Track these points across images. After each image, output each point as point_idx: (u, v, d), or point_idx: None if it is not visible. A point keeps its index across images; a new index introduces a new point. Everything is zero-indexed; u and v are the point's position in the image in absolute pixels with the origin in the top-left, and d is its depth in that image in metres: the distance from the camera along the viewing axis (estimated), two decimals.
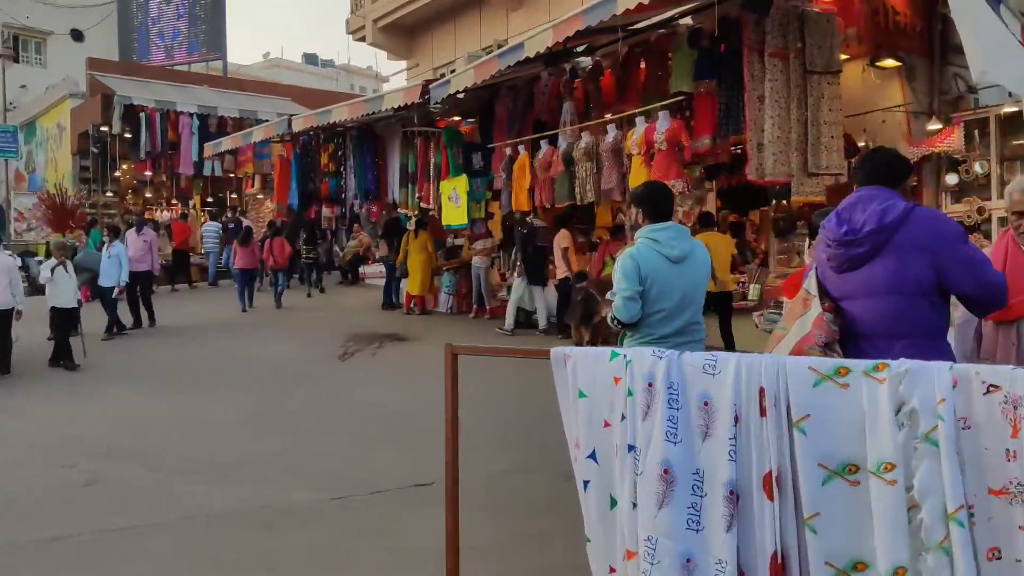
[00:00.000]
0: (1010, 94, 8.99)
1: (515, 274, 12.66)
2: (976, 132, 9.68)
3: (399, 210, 14.28)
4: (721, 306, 9.49)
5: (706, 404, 2.73)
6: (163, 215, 25.79)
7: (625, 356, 2.94)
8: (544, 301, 12.24)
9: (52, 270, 10.85)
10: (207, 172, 23.80)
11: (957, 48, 10.20)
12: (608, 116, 10.99)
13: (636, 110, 9.71)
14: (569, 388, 3.08)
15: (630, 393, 2.85)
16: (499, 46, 17.75)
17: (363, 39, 21.44)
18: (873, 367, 2.43)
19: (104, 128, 24.47)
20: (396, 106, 11.81)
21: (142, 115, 22.58)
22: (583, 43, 10.95)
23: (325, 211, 15.58)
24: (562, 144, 10.80)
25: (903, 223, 3.01)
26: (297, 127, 14.29)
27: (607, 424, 2.95)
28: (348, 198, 14.56)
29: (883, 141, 10.13)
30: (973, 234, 9.75)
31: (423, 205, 13.72)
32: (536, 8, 17.17)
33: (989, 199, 9.64)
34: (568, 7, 16.30)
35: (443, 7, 19.21)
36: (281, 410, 8.46)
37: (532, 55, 9.52)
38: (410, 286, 15.12)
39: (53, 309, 10.95)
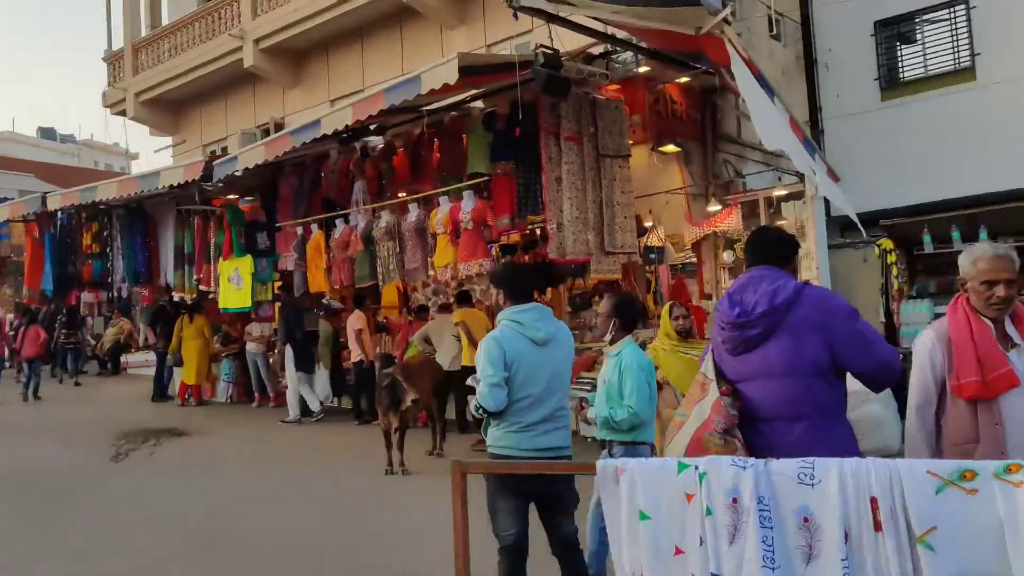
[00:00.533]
0: (780, 179, 9.89)
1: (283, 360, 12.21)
2: (747, 213, 10.51)
3: (175, 294, 13.24)
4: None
5: (806, 520, 2.39)
6: None
7: (697, 468, 2.57)
8: (312, 386, 12.08)
9: None
10: None
11: (726, 137, 11.20)
12: (406, 195, 10.90)
13: (440, 189, 9.69)
14: (623, 508, 2.66)
15: (708, 512, 2.49)
16: (276, 124, 17.35)
17: (122, 112, 20.10)
18: (1004, 468, 2.18)
19: None
20: (174, 184, 11.00)
21: None
22: (375, 122, 10.83)
23: (87, 296, 14.16)
24: (360, 223, 10.54)
25: (794, 302, 2.99)
26: (53, 205, 12.99)
27: (679, 551, 2.56)
28: (115, 281, 13.32)
29: (668, 221, 10.77)
30: None
31: (202, 288, 12.84)
32: (314, 87, 16.95)
33: None
34: (346, 87, 16.31)
35: (213, 83, 18.47)
36: (53, 527, 7.36)
37: (329, 132, 9.25)
38: (185, 375, 14.05)
39: None
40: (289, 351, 12.08)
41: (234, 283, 11.77)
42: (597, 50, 9.85)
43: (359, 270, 10.54)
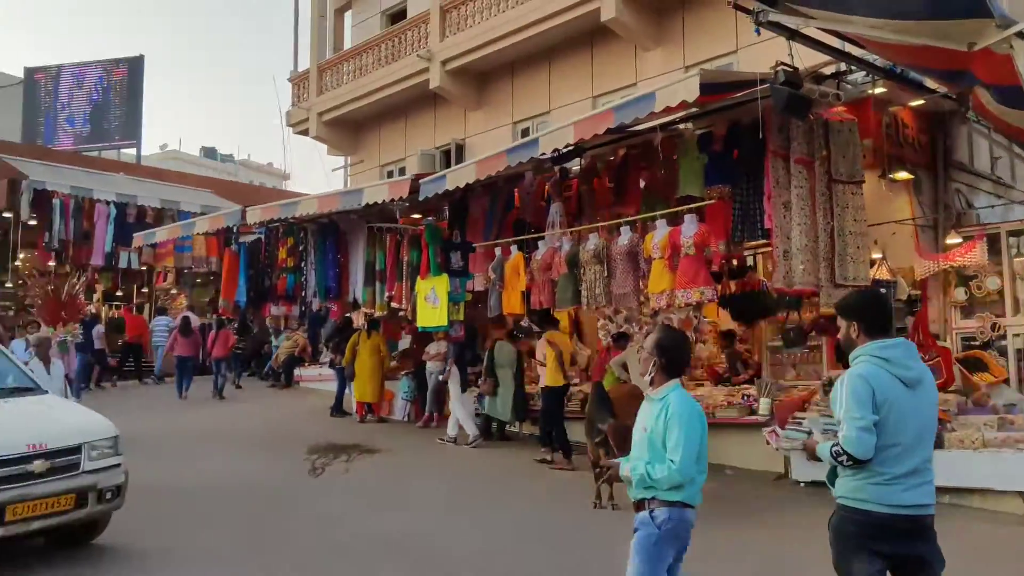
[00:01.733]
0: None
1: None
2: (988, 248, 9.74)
3: (365, 310, 13.43)
4: None
5: None
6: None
7: None
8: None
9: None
10: (123, 264, 22.27)
11: (958, 165, 10.43)
12: (608, 218, 10.65)
13: (656, 212, 9.35)
14: None
15: None
16: (457, 146, 17.54)
17: (305, 132, 20.82)
18: None
19: (8, 214, 22.80)
20: (378, 201, 11.11)
21: (56, 201, 21.05)
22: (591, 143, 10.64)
23: (275, 309, 14.59)
24: (564, 245, 10.33)
25: None
26: (253, 219, 13.39)
27: None
28: (307, 295, 13.63)
29: (894, 253, 10.10)
30: (988, 351, 9.69)
31: (394, 305, 12.96)
32: (497, 109, 17.03)
33: (1003, 315, 9.61)
34: (531, 109, 16.31)
35: (394, 104, 18.89)
36: (275, 543, 7.37)
37: (549, 151, 9.09)
38: (359, 392, 14.17)
39: None
40: (455, 372, 12.12)
41: (431, 302, 11.80)
42: (828, 69, 9.35)
43: (561, 293, 10.32)
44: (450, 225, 12.90)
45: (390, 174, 19.78)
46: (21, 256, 24.14)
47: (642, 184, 10.84)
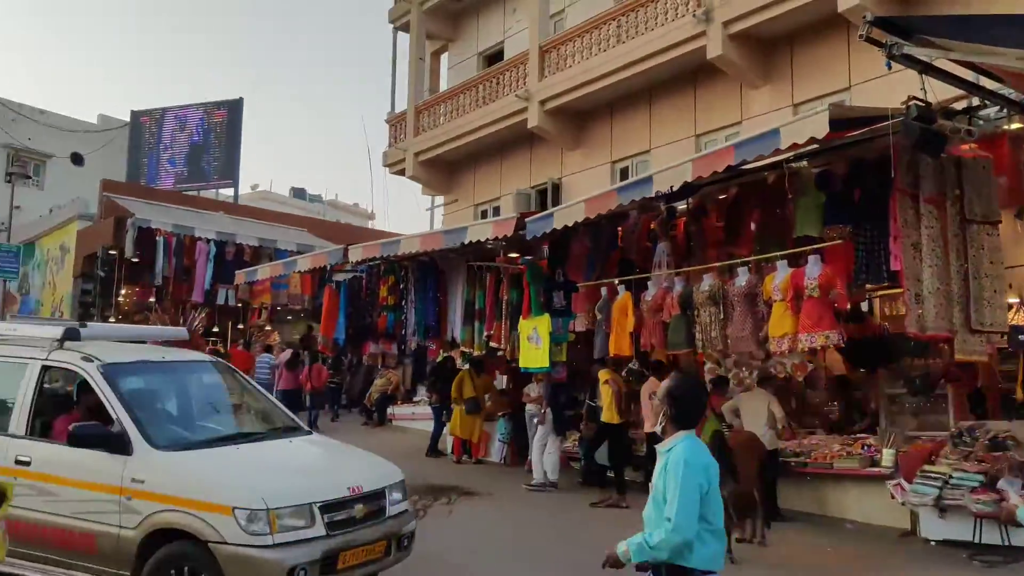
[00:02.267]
0: None
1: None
2: None
3: (463, 348, 13.36)
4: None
5: None
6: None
7: None
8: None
9: None
10: (220, 300, 22.81)
11: None
12: (718, 259, 10.38)
13: (779, 253, 9.04)
14: None
15: None
16: (554, 185, 17.49)
17: (401, 172, 21.09)
18: None
19: (113, 251, 23.65)
20: (482, 240, 11.06)
21: (160, 239, 21.73)
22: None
23: (373, 347, 14.67)
24: (677, 286, 10.08)
25: None
26: (355, 257, 13.51)
27: None
28: (407, 334, 13.64)
29: None
30: None
31: (492, 344, 12.84)
32: (595, 148, 16.94)
33: None
34: (630, 148, 16.16)
35: (490, 144, 19.00)
36: None
37: (664, 190, 8.91)
38: (461, 428, 14.05)
39: None
40: (549, 413, 12.00)
41: (533, 342, 11.65)
42: (959, 104, 8.96)
43: (673, 335, 10.06)
44: (550, 264, 12.78)
45: (484, 213, 19.85)
46: (123, 291, 25.01)
47: (752, 225, 10.57)
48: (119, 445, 5.81)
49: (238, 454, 6.24)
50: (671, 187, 8.91)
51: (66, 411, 6.74)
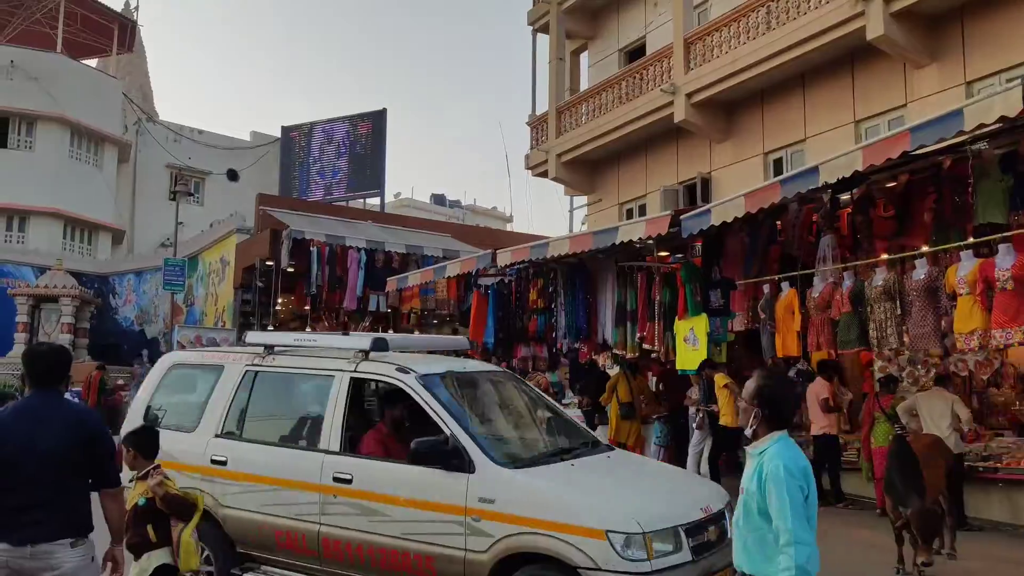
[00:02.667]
0: None
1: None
2: None
3: (616, 351, 13.14)
4: None
5: None
6: None
7: None
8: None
9: None
10: (371, 307, 23.43)
11: None
12: (889, 251, 9.76)
13: (963, 243, 8.41)
14: None
15: None
16: (703, 180, 17.03)
17: (544, 174, 21.07)
18: None
19: (270, 262, 24.70)
20: (635, 239, 10.82)
21: (313, 249, 22.51)
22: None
23: (525, 350, 14.67)
24: (847, 281, 9.56)
25: None
26: (503, 261, 13.54)
27: None
28: (558, 337, 13.56)
29: None
30: None
31: (646, 346, 12.57)
32: (746, 140, 16.38)
33: None
34: (784, 138, 15.52)
35: (634, 141, 18.70)
36: None
37: (832, 180, 8.42)
38: (617, 432, 13.82)
39: None
40: (707, 418, 11.69)
41: (690, 343, 11.31)
42: None
43: (844, 334, 9.54)
44: (705, 261, 12.39)
45: (630, 212, 19.56)
46: (280, 301, 26.09)
47: (926, 214, 9.88)
48: (458, 462, 5.51)
49: (578, 472, 5.86)
50: (839, 177, 8.38)
51: (370, 425, 6.67)
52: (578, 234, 12.74)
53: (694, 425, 12.04)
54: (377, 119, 32.00)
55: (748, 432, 3.71)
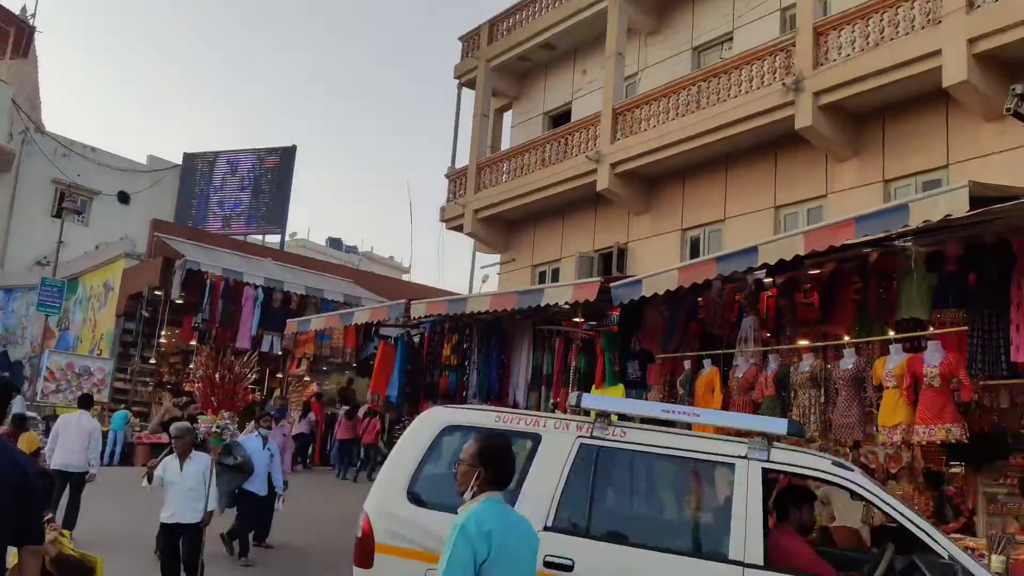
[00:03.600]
0: None
1: None
2: None
3: None
4: None
5: None
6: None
7: None
8: None
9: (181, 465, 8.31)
10: (264, 348, 22.52)
11: None
12: (810, 339, 9.86)
13: (895, 336, 8.54)
14: None
15: None
16: (619, 249, 17.11)
17: (459, 228, 20.84)
18: None
19: (158, 291, 23.54)
20: (561, 303, 10.63)
21: (208, 282, 21.56)
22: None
23: (430, 407, 14.20)
24: (772, 364, 9.56)
25: None
26: (417, 312, 13.12)
27: None
28: (468, 395, 13.16)
29: None
30: None
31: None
32: (664, 214, 16.56)
33: None
34: (702, 216, 15.77)
35: (553, 204, 18.74)
36: None
37: (772, 262, 8.44)
38: None
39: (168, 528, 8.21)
40: None
41: None
42: None
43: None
44: (623, 332, 12.32)
45: (542, 275, 19.48)
46: (164, 333, 24.79)
47: (850, 305, 10.04)
48: None
49: None
50: (777, 260, 8.40)
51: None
52: (501, 292, 12.51)
53: None
54: (286, 155, 31.36)
55: (467, 495, 3.60)
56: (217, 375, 11.05)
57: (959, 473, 11.41)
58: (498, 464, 3.60)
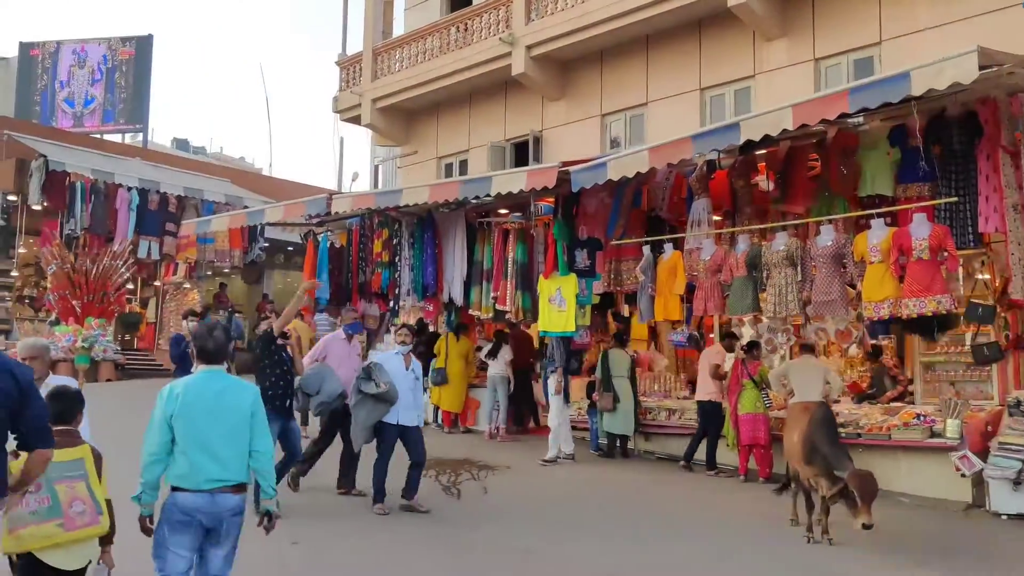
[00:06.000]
0: None
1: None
2: None
3: (471, 311, 12.40)
4: None
5: None
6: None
7: None
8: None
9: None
10: (142, 254, 20.91)
11: None
12: (784, 217, 9.84)
13: (881, 210, 8.51)
14: None
15: None
16: (535, 138, 16.56)
17: (355, 119, 19.68)
18: None
19: (13, 197, 21.32)
20: (514, 191, 10.11)
21: (77, 183, 19.64)
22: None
23: (369, 308, 13.53)
24: (741, 245, 9.44)
25: None
26: (341, 207, 12.33)
27: None
28: (401, 294, 12.54)
29: None
30: None
31: (499, 307, 11.96)
32: (582, 99, 16.06)
33: None
34: (623, 100, 15.38)
35: (458, 92, 17.89)
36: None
37: (757, 139, 8.18)
38: (446, 401, 13.21)
39: None
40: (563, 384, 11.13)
41: (556, 304, 10.82)
42: None
43: (737, 299, 9.45)
44: (561, 220, 11.96)
45: (448, 167, 18.75)
46: (22, 242, 22.61)
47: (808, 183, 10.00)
48: None
49: None
50: (762, 136, 8.15)
51: None
52: (442, 182, 11.86)
53: (553, 390, 11.42)
54: (142, 45, 28.75)
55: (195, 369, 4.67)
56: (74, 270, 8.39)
57: (891, 345, 11.90)
58: (197, 341, 4.64)
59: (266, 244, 22.80)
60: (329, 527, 7.64)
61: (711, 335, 12.13)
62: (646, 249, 10.57)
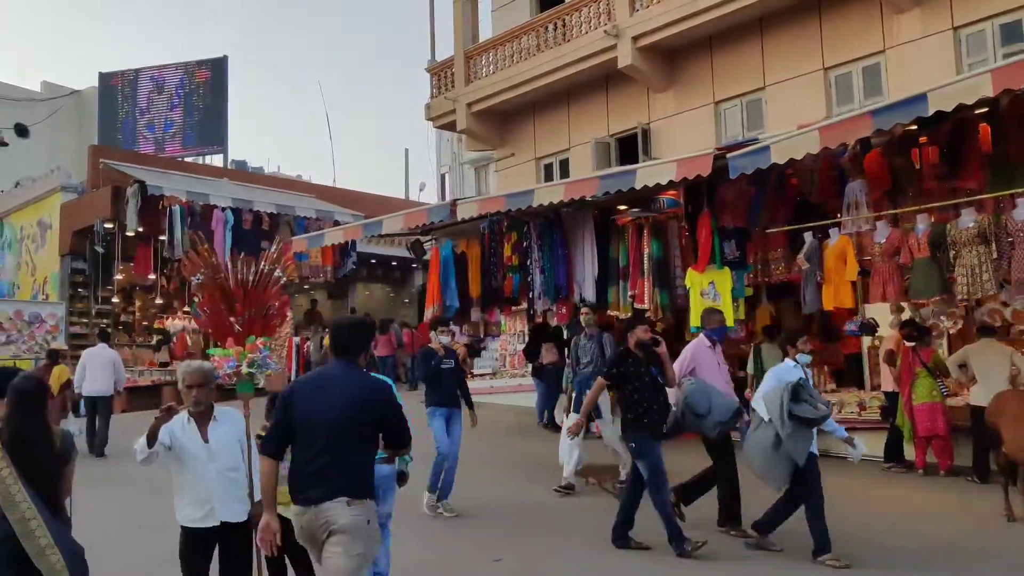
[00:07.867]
0: None
1: None
2: None
3: (609, 312, 12.01)
4: None
5: None
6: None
7: None
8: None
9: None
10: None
11: None
12: (956, 194, 9.25)
13: None
14: None
15: None
16: (644, 130, 16.13)
17: (450, 125, 19.47)
18: None
19: (110, 224, 21.48)
20: (661, 183, 9.69)
21: (175, 208, 19.72)
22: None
23: (476, 315, 13.28)
24: (920, 225, 8.92)
25: None
26: (467, 212, 12.01)
27: None
28: (534, 298, 12.20)
29: None
30: None
31: (637, 305, 11.55)
32: (691, 88, 15.60)
33: None
34: (738, 86, 14.85)
35: (556, 90, 17.53)
36: None
37: (948, 109, 7.66)
38: None
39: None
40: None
41: (709, 298, 10.38)
42: None
43: (922, 281, 8.97)
44: (693, 212, 11.52)
45: (548, 168, 18.40)
46: (120, 268, 22.80)
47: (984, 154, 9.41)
48: None
49: None
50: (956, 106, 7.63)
51: None
52: (578, 179, 11.49)
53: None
54: (217, 67, 28.94)
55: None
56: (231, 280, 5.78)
57: None
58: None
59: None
60: None
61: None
62: (807, 235, 10.08)
